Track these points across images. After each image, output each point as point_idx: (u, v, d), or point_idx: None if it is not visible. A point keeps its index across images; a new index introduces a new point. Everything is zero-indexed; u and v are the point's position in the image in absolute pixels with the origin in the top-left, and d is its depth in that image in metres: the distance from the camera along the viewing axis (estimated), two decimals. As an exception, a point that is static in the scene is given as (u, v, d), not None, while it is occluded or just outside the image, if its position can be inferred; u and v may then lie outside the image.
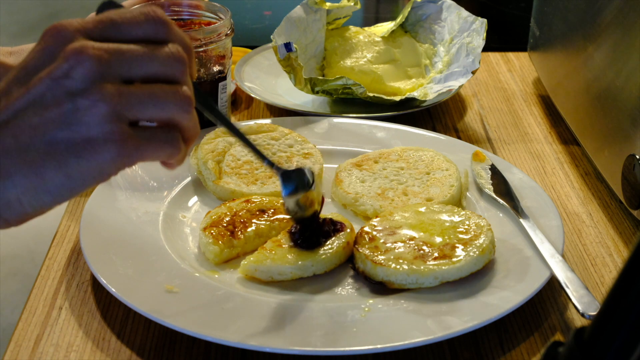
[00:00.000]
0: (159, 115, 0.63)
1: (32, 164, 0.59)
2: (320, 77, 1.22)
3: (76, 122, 0.59)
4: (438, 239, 0.86)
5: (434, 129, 1.20)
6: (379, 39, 1.31)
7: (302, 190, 0.84)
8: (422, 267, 0.83)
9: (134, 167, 1.02)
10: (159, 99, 0.62)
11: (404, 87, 1.27)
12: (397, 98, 1.21)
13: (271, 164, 0.83)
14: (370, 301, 0.82)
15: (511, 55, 1.46)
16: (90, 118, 0.59)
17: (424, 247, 0.85)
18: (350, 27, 1.33)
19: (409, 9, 1.33)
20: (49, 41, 0.61)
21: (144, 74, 0.62)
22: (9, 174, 0.59)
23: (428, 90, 1.23)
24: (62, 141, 0.59)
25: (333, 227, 0.89)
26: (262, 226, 0.91)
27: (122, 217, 0.94)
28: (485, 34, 1.22)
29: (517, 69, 1.41)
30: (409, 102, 1.23)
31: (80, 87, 0.59)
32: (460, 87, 1.22)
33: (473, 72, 1.20)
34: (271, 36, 1.19)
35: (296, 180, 0.84)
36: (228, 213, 0.92)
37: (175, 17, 1.15)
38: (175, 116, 0.63)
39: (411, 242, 0.86)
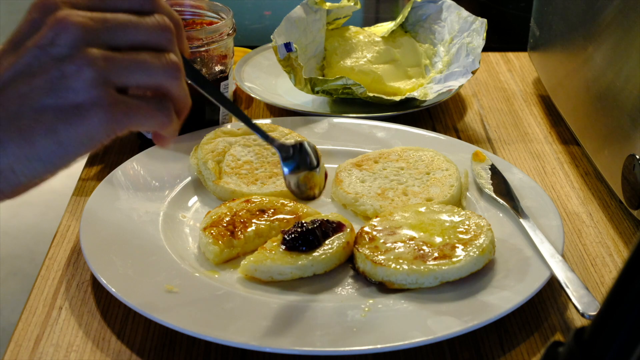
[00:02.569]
0: (146, 82, 0.63)
1: (22, 131, 0.59)
2: (320, 77, 1.22)
3: (63, 88, 0.59)
4: (438, 239, 0.86)
5: (434, 129, 1.20)
6: (379, 39, 1.31)
7: (304, 168, 0.81)
8: (422, 267, 0.83)
9: (136, 166, 1.02)
10: (145, 64, 0.62)
11: (404, 87, 1.27)
12: (397, 98, 1.21)
13: (267, 137, 0.80)
14: (370, 301, 0.82)
15: (511, 55, 1.46)
16: (77, 83, 0.59)
17: (424, 247, 0.85)
18: (350, 27, 1.33)
19: (409, 9, 1.33)
20: (34, 13, 0.62)
21: (131, 41, 0.62)
22: (0, 142, 0.59)
23: (428, 90, 1.23)
24: (50, 108, 0.59)
25: (332, 228, 0.89)
26: (262, 226, 0.91)
27: (122, 217, 0.94)
28: (485, 34, 1.23)
29: (517, 69, 1.41)
30: (409, 102, 1.23)
31: (66, 53, 0.59)
32: (460, 87, 1.22)
33: (473, 72, 1.20)
34: (271, 36, 1.19)
35: (298, 157, 0.81)
36: (228, 213, 0.92)
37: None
38: (163, 83, 0.63)
39: (411, 242, 0.86)
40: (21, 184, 0.61)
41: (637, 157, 0.91)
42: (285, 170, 0.81)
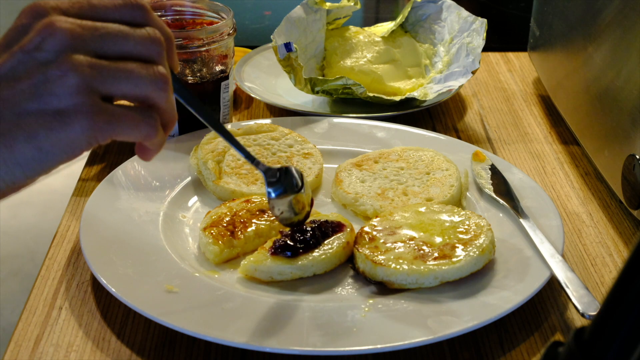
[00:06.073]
0: (133, 91, 0.62)
1: (1, 135, 0.58)
2: (320, 77, 1.22)
3: (47, 93, 0.59)
4: (438, 239, 0.86)
5: (434, 129, 1.20)
6: (379, 39, 1.31)
7: (290, 192, 0.81)
8: (422, 267, 0.83)
9: (136, 166, 1.02)
10: (132, 74, 0.61)
11: (404, 87, 1.27)
12: (397, 98, 1.22)
13: (252, 159, 0.80)
14: (370, 301, 0.82)
15: (511, 55, 1.46)
16: (60, 89, 0.59)
17: (424, 247, 0.85)
18: (350, 27, 1.33)
19: (409, 9, 1.33)
20: (24, 18, 0.61)
21: (119, 51, 0.61)
22: None
23: (428, 90, 1.23)
24: (32, 113, 0.59)
25: (332, 228, 0.89)
26: (262, 226, 0.91)
27: (122, 217, 0.94)
28: (485, 34, 1.23)
29: (517, 69, 1.41)
30: (409, 102, 1.23)
31: (51, 58, 0.59)
32: (460, 87, 1.22)
33: (473, 72, 1.20)
34: (271, 36, 1.19)
35: (285, 181, 0.81)
36: (228, 213, 0.92)
37: (177, 17, 1.15)
38: (150, 94, 0.62)
39: (411, 242, 0.86)
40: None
41: (637, 157, 0.91)
42: (272, 194, 0.81)
